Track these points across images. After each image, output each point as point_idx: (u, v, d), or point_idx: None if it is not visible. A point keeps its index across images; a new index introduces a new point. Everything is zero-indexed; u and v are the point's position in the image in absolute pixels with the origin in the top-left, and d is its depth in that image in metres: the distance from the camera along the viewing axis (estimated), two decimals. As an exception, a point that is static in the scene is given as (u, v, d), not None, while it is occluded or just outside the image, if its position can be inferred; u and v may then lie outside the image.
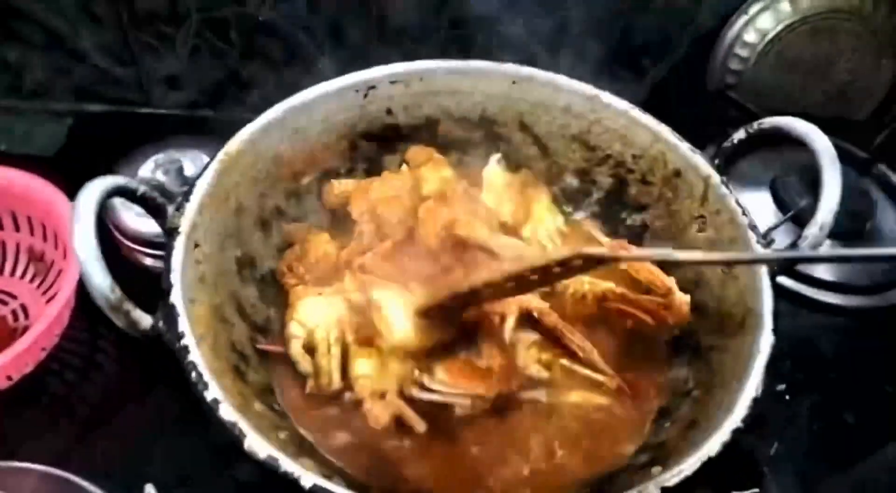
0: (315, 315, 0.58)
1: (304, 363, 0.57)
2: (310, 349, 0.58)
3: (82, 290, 0.64)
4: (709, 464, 0.47)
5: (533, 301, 0.60)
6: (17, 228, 0.75)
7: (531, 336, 0.61)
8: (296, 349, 0.58)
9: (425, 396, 0.56)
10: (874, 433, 0.68)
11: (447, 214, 0.62)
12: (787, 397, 0.70)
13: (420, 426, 0.55)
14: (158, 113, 0.94)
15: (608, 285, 0.63)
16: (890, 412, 0.70)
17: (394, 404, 0.55)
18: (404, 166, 0.70)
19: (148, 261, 0.74)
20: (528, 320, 0.61)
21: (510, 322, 0.59)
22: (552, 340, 0.60)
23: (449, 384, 0.56)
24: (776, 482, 0.64)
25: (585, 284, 0.63)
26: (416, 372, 0.56)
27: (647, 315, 0.60)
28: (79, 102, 0.93)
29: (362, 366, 0.56)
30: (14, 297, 0.74)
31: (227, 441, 0.62)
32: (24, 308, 0.73)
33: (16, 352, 0.61)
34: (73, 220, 0.48)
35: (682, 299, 0.59)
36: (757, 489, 0.63)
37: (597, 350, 0.60)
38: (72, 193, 0.68)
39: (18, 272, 0.75)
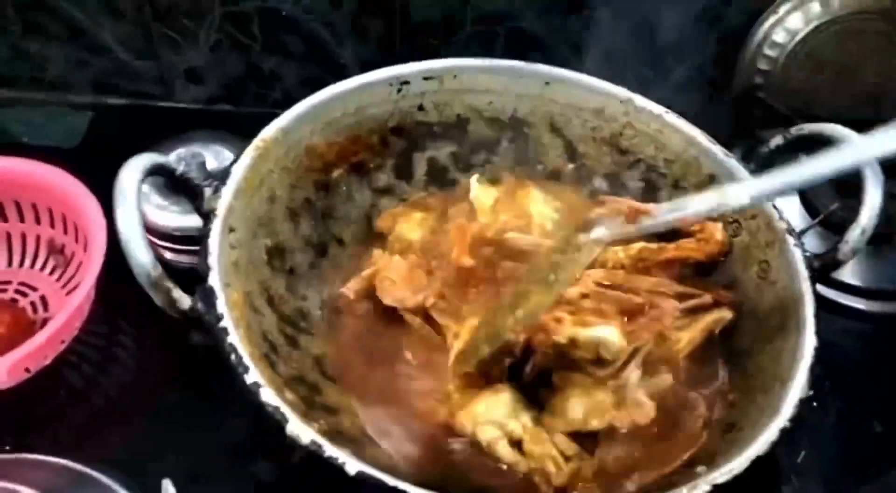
0: (498, 409, 0.54)
1: (522, 462, 0.52)
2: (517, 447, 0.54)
3: (102, 283, 0.65)
4: (758, 463, 0.47)
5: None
6: (38, 221, 0.74)
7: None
8: (505, 451, 0.53)
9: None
10: (903, 443, 0.67)
11: (475, 226, 0.61)
12: (815, 403, 0.69)
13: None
14: (179, 107, 0.94)
15: (640, 245, 0.61)
16: (919, 422, 0.69)
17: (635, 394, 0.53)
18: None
19: (168, 255, 0.74)
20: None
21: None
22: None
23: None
24: (804, 490, 0.64)
25: (619, 252, 0.61)
26: None
27: (690, 252, 0.59)
28: (99, 94, 0.93)
29: (576, 408, 0.54)
30: (34, 289, 0.74)
31: (243, 438, 0.63)
32: (43, 300, 0.73)
33: (36, 344, 0.61)
34: (116, 196, 0.48)
35: (716, 226, 0.59)
36: (783, 497, 0.63)
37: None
38: (92, 186, 0.68)
39: (38, 264, 0.75)
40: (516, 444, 0.53)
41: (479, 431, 0.54)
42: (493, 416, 0.54)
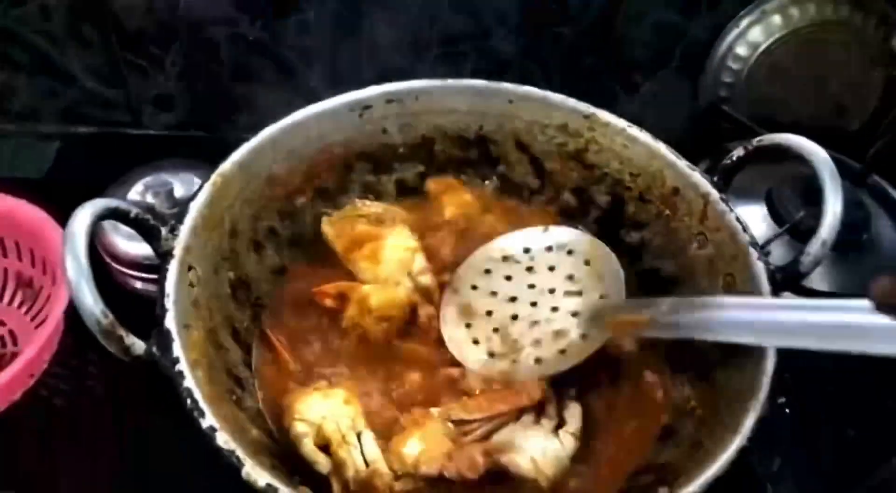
0: (318, 409, 0.55)
1: (323, 462, 0.53)
2: (323, 447, 0.54)
3: (70, 315, 0.64)
4: (715, 484, 0.46)
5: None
6: (5, 254, 0.74)
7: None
8: (308, 448, 0.53)
9: (472, 437, 0.56)
10: (876, 448, 0.68)
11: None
12: (788, 410, 0.70)
13: (505, 441, 0.55)
14: (148, 134, 0.94)
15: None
16: (891, 426, 0.70)
17: (472, 450, 0.54)
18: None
19: (138, 284, 0.73)
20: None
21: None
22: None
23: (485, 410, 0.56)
24: (779, 497, 0.64)
25: None
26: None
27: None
28: (67, 124, 0.93)
29: (413, 446, 0.54)
30: (3, 323, 0.73)
31: (219, 465, 0.62)
32: (12, 334, 0.72)
33: (5, 379, 0.60)
34: (65, 243, 0.47)
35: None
36: (759, 506, 0.63)
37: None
38: (60, 217, 0.68)
39: (6, 299, 0.74)
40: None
41: (292, 424, 0.55)
42: (309, 415, 0.55)
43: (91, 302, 0.46)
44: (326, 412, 0.55)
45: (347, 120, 0.68)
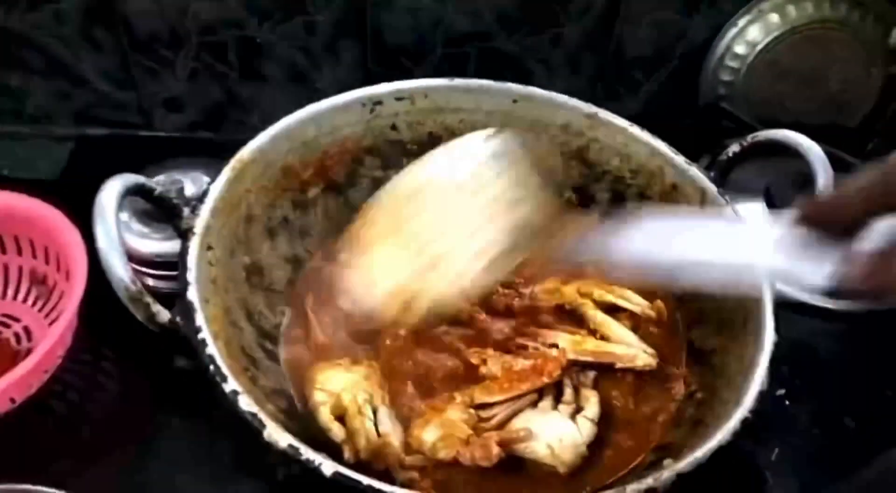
0: (338, 381, 0.57)
1: (336, 430, 0.55)
2: (339, 417, 0.56)
3: (84, 311, 0.66)
4: (720, 452, 0.48)
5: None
6: (20, 252, 0.75)
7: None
8: (325, 416, 0.56)
9: (493, 423, 0.57)
10: (875, 438, 0.69)
11: None
12: (787, 402, 0.71)
13: (521, 431, 0.56)
14: (159, 135, 0.95)
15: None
16: (890, 415, 0.71)
17: (488, 438, 0.55)
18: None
19: (149, 281, 0.75)
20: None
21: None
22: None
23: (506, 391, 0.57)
24: (778, 487, 0.65)
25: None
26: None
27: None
28: (80, 126, 0.94)
29: (430, 433, 0.55)
30: (17, 320, 0.74)
31: (228, 460, 0.64)
32: (26, 331, 0.74)
33: (19, 374, 0.61)
34: (96, 214, 0.51)
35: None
36: (758, 493, 0.64)
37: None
38: (74, 216, 0.69)
39: (21, 296, 0.76)
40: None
41: (312, 393, 0.57)
42: (329, 385, 0.57)
43: (121, 270, 0.49)
44: (346, 384, 0.57)
45: (359, 115, 0.70)
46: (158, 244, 0.73)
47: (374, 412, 0.56)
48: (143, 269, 0.74)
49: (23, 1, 0.82)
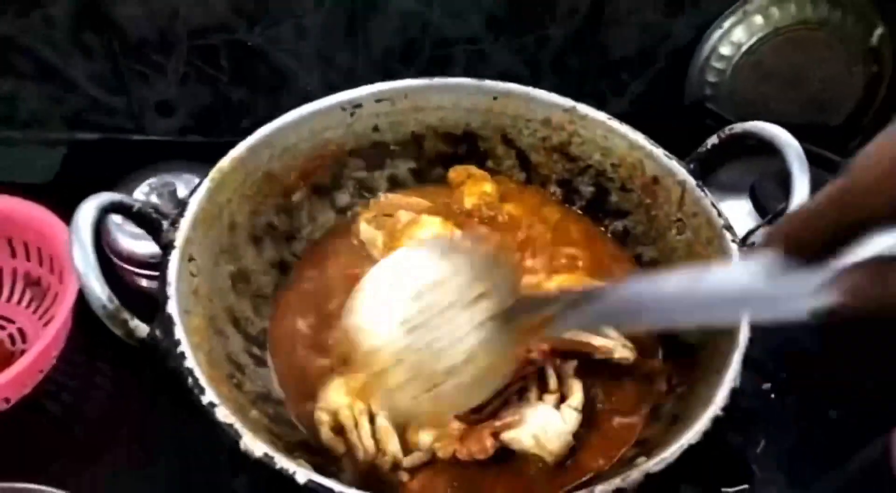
0: (336, 396, 0.58)
1: (338, 446, 0.56)
2: (339, 431, 0.57)
3: (78, 312, 0.66)
4: (691, 452, 0.48)
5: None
6: (14, 255, 0.76)
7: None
8: (326, 435, 0.57)
9: (481, 415, 0.57)
10: (858, 428, 0.70)
11: None
12: (772, 395, 0.72)
13: (513, 418, 0.57)
14: (150, 140, 0.96)
15: None
16: (871, 407, 0.72)
17: (481, 432, 0.55)
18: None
19: (143, 282, 0.76)
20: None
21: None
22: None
23: None
24: (765, 478, 0.66)
25: None
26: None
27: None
28: (72, 130, 0.95)
29: (426, 435, 0.56)
30: (11, 321, 0.75)
31: (222, 457, 0.64)
32: (21, 332, 0.74)
33: (13, 374, 0.62)
34: (72, 232, 0.50)
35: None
36: (746, 486, 0.65)
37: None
38: (67, 220, 0.69)
39: (15, 298, 0.76)
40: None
41: (315, 413, 0.58)
42: (328, 403, 0.58)
43: (98, 289, 0.49)
44: (343, 400, 0.57)
45: (340, 119, 0.70)
46: (152, 245, 0.73)
47: (373, 420, 0.56)
48: (138, 270, 0.75)
49: (13, 6, 0.83)
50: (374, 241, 0.70)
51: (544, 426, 0.55)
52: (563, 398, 0.58)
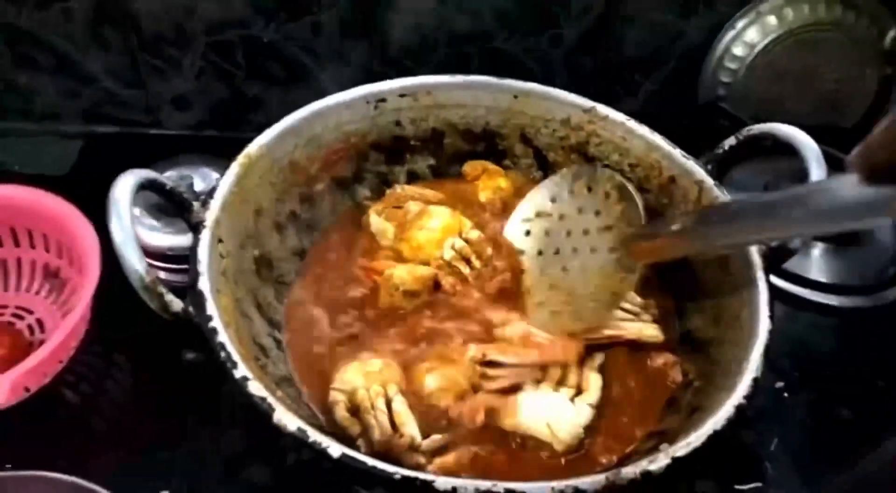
0: (353, 378, 0.59)
1: (352, 427, 0.56)
2: (355, 412, 0.58)
3: (97, 304, 0.67)
4: (715, 439, 0.48)
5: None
6: (33, 246, 0.77)
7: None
8: (341, 414, 0.57)
9: (494, 385, 0.59)
10: (869, 427, 0.70)
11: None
12: (786, 394, 0.72)
13: (511, 404, 0.58)
14: (166, 133, 0.97)
15: None
16: (883, 406, 0.72)
17: (481, 399, 0.58)
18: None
19: (162, 274, 0.76)
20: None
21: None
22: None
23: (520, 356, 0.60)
24: (777, 476, 0.66)
25: None
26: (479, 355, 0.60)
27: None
28: (88, 123, 0.96)
29: (432, 380, 0.58)
30: (30, 312, 0.76)
31: (238, 449, 0.65)
32: (39, 323, 0.75)
33: (34, 363, 0.62)
34: (110, 207, 0.51)
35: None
36: (759, 484, 0.65)
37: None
38: (85, 212, 0.70)
39: (34, 288, 0.77)
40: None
41: (330, 393, 0.59)
42: (343, 384, 0.59)
43: (135, 261, 0.50)
44: (360, 381, 0.58)
45: (363, 112, 0.71)
46: (170, 238, 0.75)
47: (389, 404, 0.57)
48: (155, 262, 0.76)
49: (33, -1, 0.83)
50: (384, 232, 0.70)
51: (558, 415, 0.57)
52: (578, 392, 0.59)
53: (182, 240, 0.74)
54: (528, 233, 0.66)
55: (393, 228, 0.70)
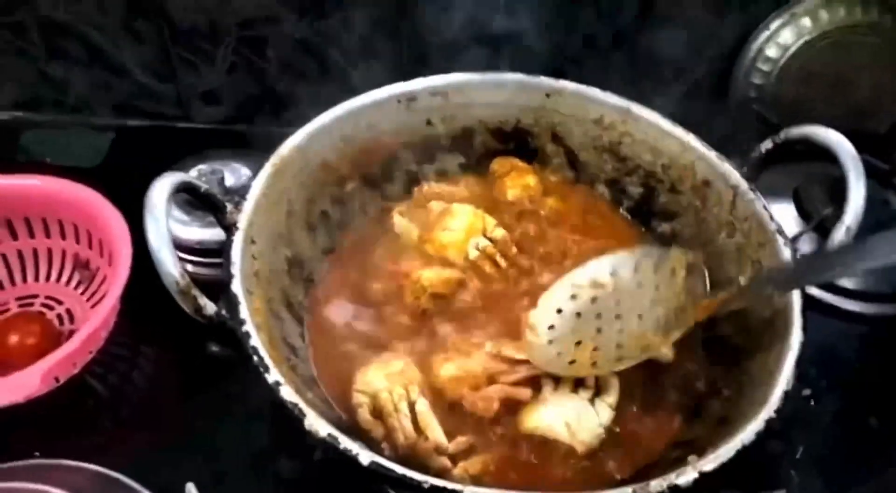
0: (375, 381, 0.59)
1: (376, 429, 0.57)
2: (378, 414, 0.58)
3: (125, 295, 0.68)
4: (744, 452, 0.48)
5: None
6: (64, 236, 0.77)
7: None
8: (364, 417, 0.58)
9: (511, 377, 0.59)
10: (897, 438, 0.70)
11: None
12: (813, 402, 0.72)
13: (525, 394, 0.59)
14: (196, 127, 0.98)
15: None
16: (913, 416, 0.72)
17: (495, 389, 0.58)
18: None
19: (190, 267, 0.78)
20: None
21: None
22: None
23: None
24: (803, 483, 0.66)
25: None
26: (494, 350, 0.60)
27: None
28: (120, 116, 0.97)
29: (448, 369, 0.59)
30: (60, 302, 0.77)
31: (263, 441, 0.65)
32: (69, 313, 0.76)
33: (65, 354, 0.63)
34: (147, 211, 0.52)
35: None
36: (784, 491, 0.65)
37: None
38: (115, 203, 0.71)
39: (64, 279, 0.78)
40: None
41: (352, 394, 0.59)
42: (366, 386, 0.59)
43: (171, 265, 0.51)
44: (382, 383, 0.58)
45: (395, 111, 0.71)
46: (200, 231, 0.76)
47: (412, 407, 0.58)
48: (185, 256, 0.77)
49: (67, -8, 0.84)
50: (409, 233, 0.71)
51: (577, 416, 0.57)
52: (597, 393, 0.59)
53: (211, 234, 0.75)
54: (573, 297, 0.61)
55: (417, 230, 0.70)
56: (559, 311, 0.61)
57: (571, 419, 0.57)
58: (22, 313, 0.75)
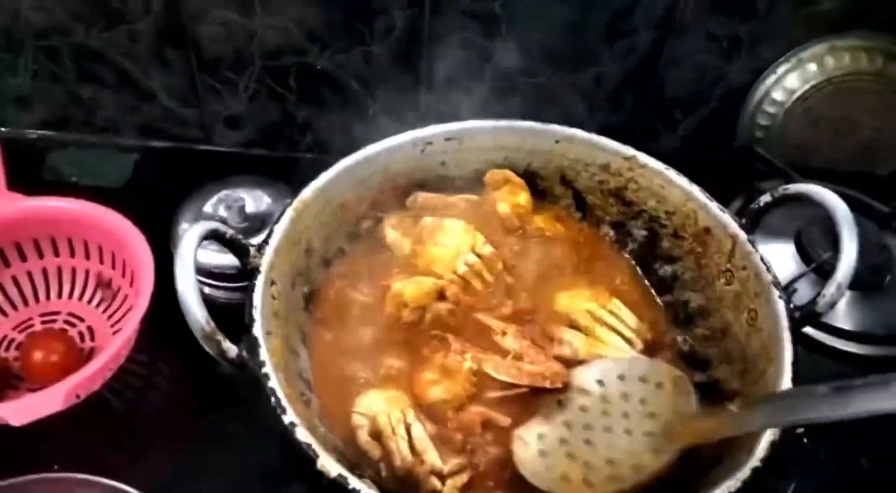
0: (373, 404, 0.62)
1: (374, 451, 0.59)
2: (376, 436, 0.60)
3: (144, 317, 0.70)
4: None
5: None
6: (88, 256, 0.80)
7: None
8: (363, 439, 0.60)
9: (490, 394, 0.62)
10: (888, 477, 0.72)
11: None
12: (806, 440, 0.73)
13: (505, 420, 0.61)
14: (217, 150, 1.01)
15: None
16: (904, 458, 0.73)
17: (477, 412, 0.61)
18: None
19: (207, 290, 0.80)
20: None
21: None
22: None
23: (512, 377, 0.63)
24: (794, 521, 0.68)
25: None
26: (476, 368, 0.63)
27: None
28: (145, 138, 1.00)
29: (437, 392, 0.61)
30: (82, 319, 0.79)
31: (276, 460, 0.68)
32: (90, 330, 0.78)
33: (89, 372, 0.65)
34: (177, 260, 0.55)
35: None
36: (775, 525, 0.67)
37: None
38: (139, 223, 0.74)
39: (87, 297, 0.81)
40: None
41: (351, 416, 0.62)
42: (365, 409, 0.62)
43: (198, 312, 0.54)
44: (381, 407, 0.61)
45: (411, 154, 0.74)
46: (216, 256, 0.79)
47: (409, 429, 0.60)
48: (201, 279, 0.79)
49: (101, 20, 0.87)
50: (400, 246, 0.73)
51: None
52: None
53: (227, 259, 0.77)
54: (560, 403, 0.62)
55: (409, 243, 0.72)
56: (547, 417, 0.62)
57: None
58: (46, 331, 0.77)
